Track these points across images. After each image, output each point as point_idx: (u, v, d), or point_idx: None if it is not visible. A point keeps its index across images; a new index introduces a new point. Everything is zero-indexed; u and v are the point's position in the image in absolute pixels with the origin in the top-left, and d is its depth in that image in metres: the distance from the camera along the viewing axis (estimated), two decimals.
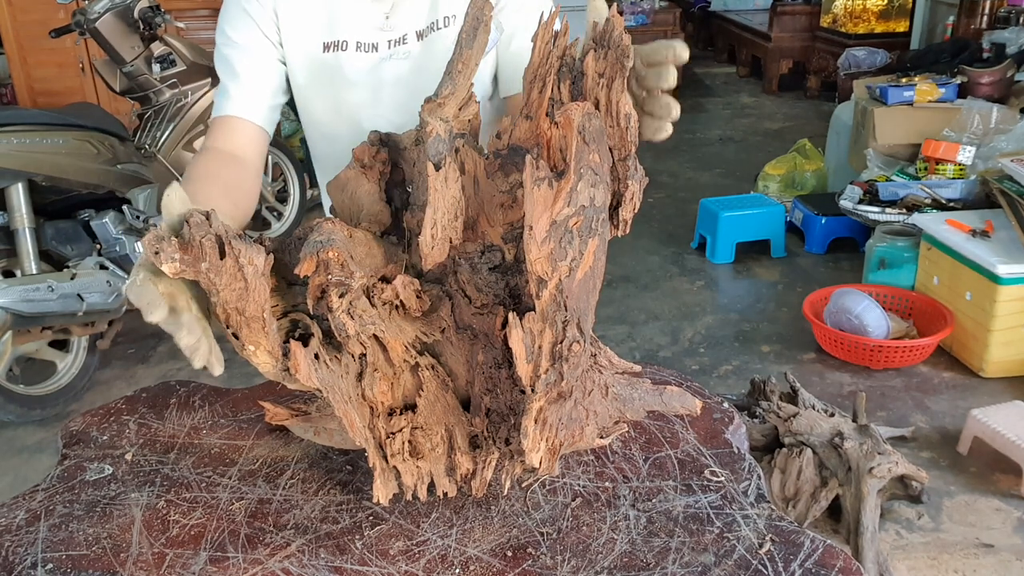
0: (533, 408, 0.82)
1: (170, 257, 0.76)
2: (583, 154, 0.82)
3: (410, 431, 0.94)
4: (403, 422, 0.94)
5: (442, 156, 0.92)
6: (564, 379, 0.81)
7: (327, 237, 0.86)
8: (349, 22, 1.33)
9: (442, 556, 0.88)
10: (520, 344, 0.81)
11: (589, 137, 0.83)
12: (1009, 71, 3.82)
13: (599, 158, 0.84)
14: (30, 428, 2.85)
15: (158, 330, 0.82)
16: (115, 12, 3.32)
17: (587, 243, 0.81)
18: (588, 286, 0.84)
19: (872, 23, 7.05)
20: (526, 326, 0.81)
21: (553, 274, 0.80)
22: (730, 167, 5.37)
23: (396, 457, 0.93)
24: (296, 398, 1.14)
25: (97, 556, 0.90)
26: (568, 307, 0.81)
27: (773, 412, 2.25)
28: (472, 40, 0.96)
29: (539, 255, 0.80)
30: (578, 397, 0.87)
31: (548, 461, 0.87)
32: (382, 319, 0.91)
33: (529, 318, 0.81)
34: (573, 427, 0.87)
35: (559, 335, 0.81)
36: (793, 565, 0.84)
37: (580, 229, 0.81)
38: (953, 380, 2.92)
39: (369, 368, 0.93)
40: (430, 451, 0.94)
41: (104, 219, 2.93)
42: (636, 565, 0.86)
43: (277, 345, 0.85)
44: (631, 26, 6.95)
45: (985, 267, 2.83)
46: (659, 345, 3.26)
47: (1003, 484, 2.34)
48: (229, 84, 1.31)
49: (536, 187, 0.80)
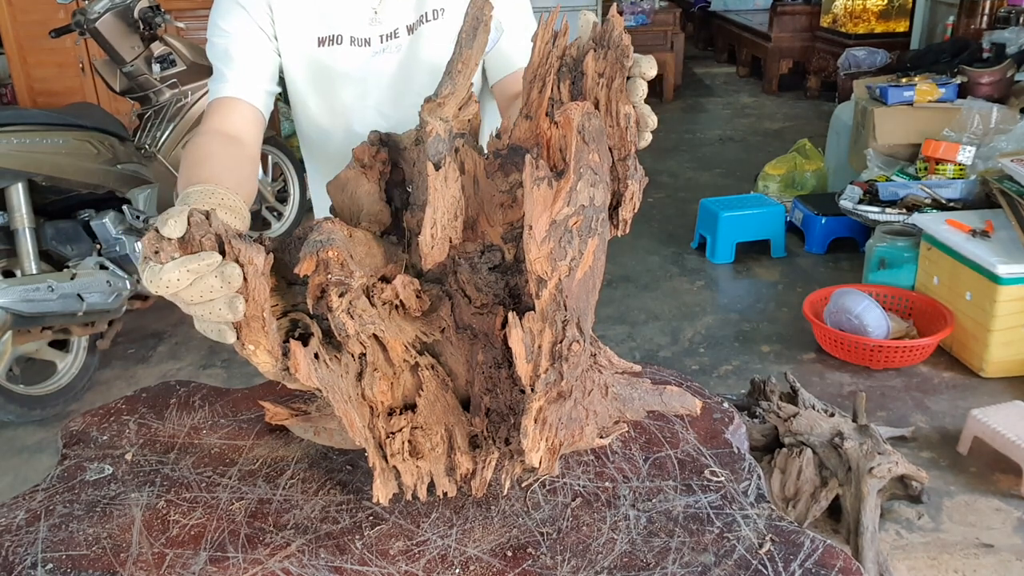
0: (533, 408, 0.82)
1: (170, 257, 0.75)
2: (583, 154, 0.82)
3: (410, 431, 0.94)
4: (403, 422, 0.94)
5: (442, 156, 0.92)
6: (564, 379, 0.81)
7: (327, 237, 0.85)
8: (341, 17, 1.34)
9: (442, 556, 0.88)
10: (520, 344, 0.81)
11: (589, 137, 0.83)
12: (1009, 71, 3.82)
13: (599, 158, 0.84)
14: (30, 428, 2.85)
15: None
16: (115, 12, 3.32)
17: (587, 242, 0.81)
18: (588, 286, 0.84)
19: (872, 23, 7.05)
20: (526, 326, 0.81)
21: (553, 274, 0.80)
22: (730, 167, 5.37)
23: (396, 457, 0.93)
24: (296, 398, 1.14)
25: (97, 556, 0.90)
26: (568, 307, 0.81)
27: (773, 412, 2.25)
28: (472, 40, 0.96)
29: (539, 255, 0.80)
30: (578, 397, 0.87)
31: (548, 461, 0.87)
32: (382, 319, 0.91)
33: (529, 318, 0.81)
34: (573, 427, 0.87)
35: (559, 335, 0.81)
36: (793, 565, 0.85)
37: (580, 229, 0.81)
38: (953, 380, 2.92)
39: (369, 368, 0.92)
40: (430, 451, 0.94)
41: (104, 219, 2.92)
42: (636, 565, 0.86)
43: (277, 345, 0.84)
44: (631, 26, 6.95)
45: (985, 267, 2.83)
46: (659, 345, 3.26)
47: (1003, 484, 2.34)
48: (224, 68, 1.30)
49: (536, 187, 0.80)
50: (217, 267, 0.75)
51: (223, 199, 0.94)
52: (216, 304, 0.76)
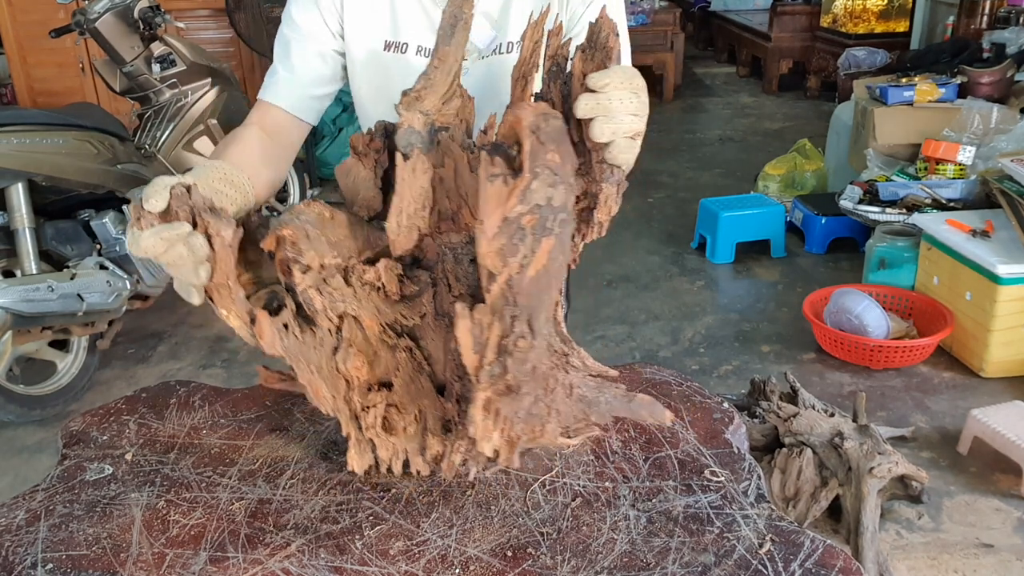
0: (479, 397, 0.83)
1: (149, 225, 0.85)
2: (539, 153, 0.82)
3: (384, 407, 0.97)
4: (379, 399, 0.97)
5: (412, 147, 0.95)
6: (509, 372, 0.82)
7: (293, 216, 0.92)
8: (412, 25, 1.34)
9: (442, 556, 0.88)
10: (467, 334, 0.81)
11: (546, 137, 0.83)
12: (1009, 71, 3.82)
13: (559, 158, 0.83)
14: (30, 428, 2.85)
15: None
16: (115, 12, 3.31)
17: (540, 242, 0.81)
18: (542, 284, 0.84)
19: (872, 23, 7.05)
20: (475, 317, 0.82)
21: (503, 269, 0.81)
22: (730, 167, 5.37)
23: (370, 430, 0.96)
24: None
25: (97, 556, 0.90)
26: (518, 303, 0.82)
27: (773, 412, 2.25)
28: (449, 37, 0.98)
29: (489, 250, 0.81)
30: (539, 394, 0.88)
31: (506, 452, 0.88)
32: (358, 299, 0.94)
33: (478, 310, 0.82)
34: (533, 422, 0.89)
35: (507, 329, 0.82)
36: (793, 565, 0.85)
37: (534, 227, 0.81)
38: (953, 380, 2.92)
39: (344, 343, 0.96)
40: (403, 430, 0.97)
41: (104, 219, 2.93)
42: (636, 565, 0.86)
43: (245, 311, 0.91)
44: (631, 26, 6.94)
45: (985, 267, 2.83)
46: (659, 345, 3.26)
47: (1003, 484, 2.34)
48: (280, 68, 1.34)
49: (490, 183, 0.80)
50: (186, 237, 0.86)
51: (226, 173, 1.00)
52: (185, 269, 0.87)
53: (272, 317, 0.92)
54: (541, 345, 0.85)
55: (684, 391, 1.20)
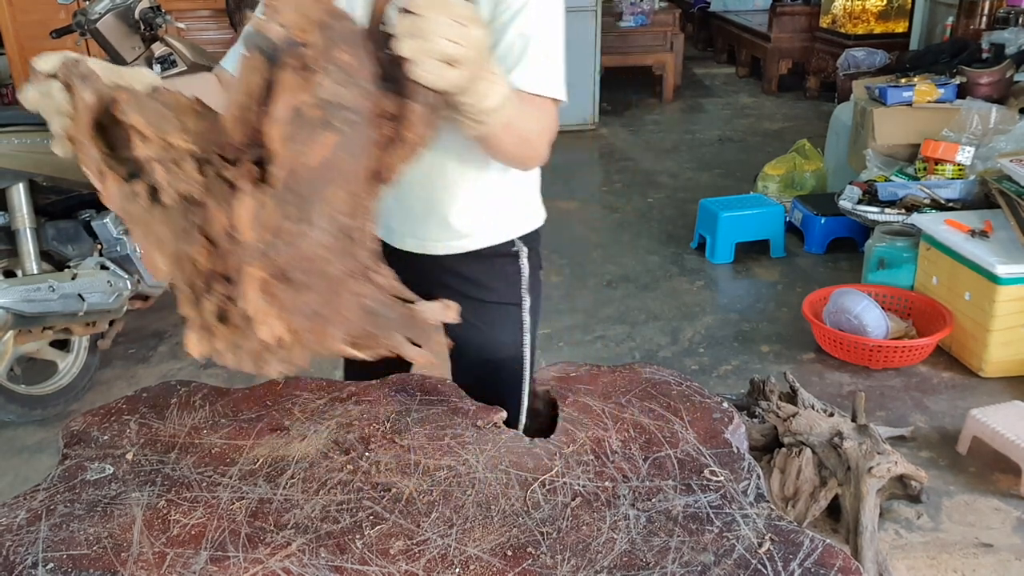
0: (252, 274, 0.86)
1: (36, 80, 0.97)
2: (329, 50, 0.86)
3: (224, 300, 0.96)
4: (221, 289, 0.96)
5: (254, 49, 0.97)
6: (279, 253, 0.86)
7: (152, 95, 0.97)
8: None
9: (442, 556, 0.89)
10: (243, 208, 0.86)
11: (337, 36, 0.87)
12: (1008, 71, 3.82)
13: (354, 61, 0.87)
14: (31, 428, 2.85)
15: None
16: (116, 13, 3.32)
17: (323, 135, 0.86)
18: (325, 178, 0.88)
19: (871, 24, 7.06)
20: (256, 194, 0.86)
21: (285, 155, 0.85)
22: (730, 167, 5.38)
23: (208, 316, 0.95)
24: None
25: (98, 555, 0.91)
26: (297, 190, 0.86)
27: (773, 412, 2.25)
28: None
29: (274, 133, 0.85)
30: (328, 296, 0.91)
31: (293, 346, 0.89)
32: (208, 189, 0.94)
33: (261, 188, 0.86)
34: (316, 321, 0.91)
35: (283, 212, 0.86)
36: (792, 564, 0.85)
37: (318, 121, 0.86)
38: (952, 380, 2.92)
39: (192, 228, 0.96)
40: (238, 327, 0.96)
41: (105, 219, 2.93)
42: (636, 565, 0.86)
43: (96, 168, 0.96)
44: (631, 26, 6.96)
45: (984, 267, 2.83)
46: (659, 345, 3.26)
47: (1002, 484, 2.35)
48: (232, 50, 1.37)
49: (285, 72, 0.86)
50: (53, 92, 0.97)
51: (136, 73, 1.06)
52: (50, 119, 1.00)
53: (126, 182, 0.96)
54: (318, 237, 0.88)
55: (684, 391, 1.21)
